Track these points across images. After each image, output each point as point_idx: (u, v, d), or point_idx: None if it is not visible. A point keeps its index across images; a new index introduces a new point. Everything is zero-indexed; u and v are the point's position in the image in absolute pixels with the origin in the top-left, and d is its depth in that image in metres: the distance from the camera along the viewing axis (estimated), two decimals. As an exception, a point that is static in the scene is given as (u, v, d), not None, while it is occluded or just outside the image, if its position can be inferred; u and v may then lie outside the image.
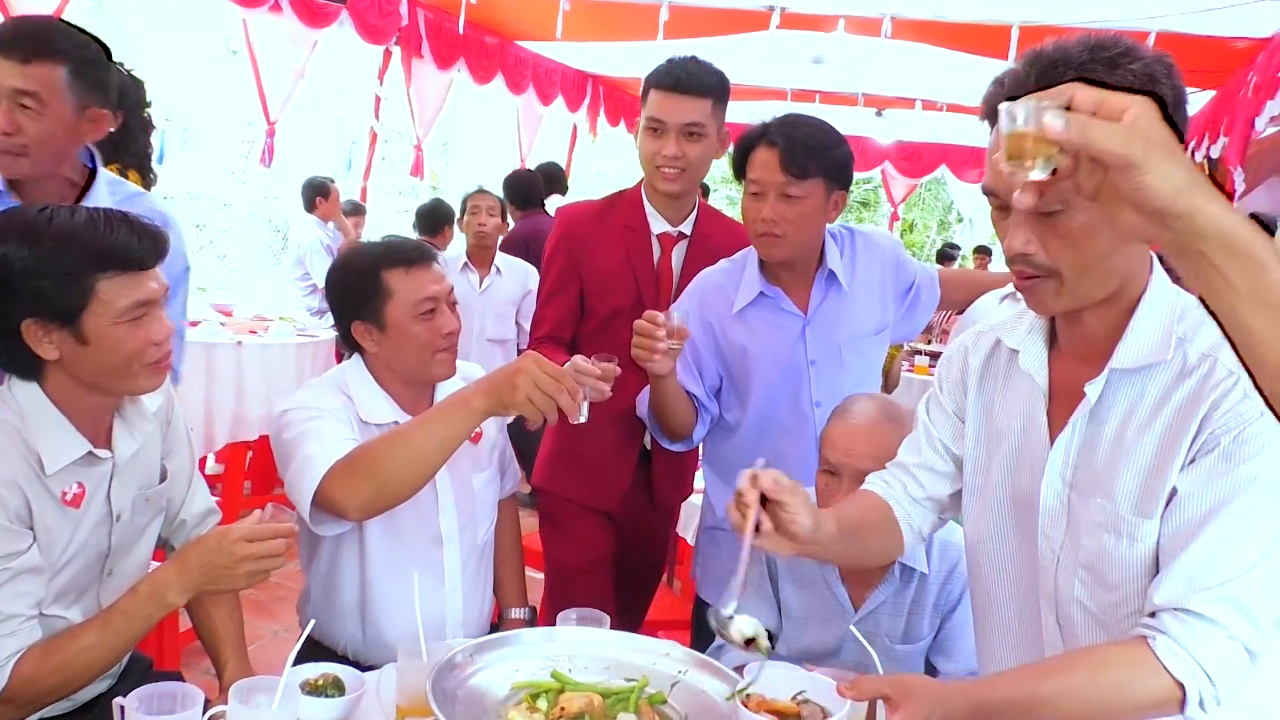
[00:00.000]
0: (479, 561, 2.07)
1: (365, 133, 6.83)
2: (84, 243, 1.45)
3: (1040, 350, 1.38)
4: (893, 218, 12.16)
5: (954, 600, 1.85)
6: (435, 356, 1.92)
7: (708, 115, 2.23)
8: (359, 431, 1.87)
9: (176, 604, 1.54)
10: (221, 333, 4.29)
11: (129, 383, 1.55)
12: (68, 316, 1.45)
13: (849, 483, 1.77)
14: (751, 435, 2.19)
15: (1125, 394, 1.27)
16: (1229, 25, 4.84)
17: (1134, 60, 1.16)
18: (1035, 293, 1.24)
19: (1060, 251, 1.19)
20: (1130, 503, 1.25)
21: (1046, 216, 1.17)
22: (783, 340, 2.14)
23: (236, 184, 11.83)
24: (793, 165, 1.99)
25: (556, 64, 7.81)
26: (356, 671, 1.61)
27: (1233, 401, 1.18)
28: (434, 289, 1.90)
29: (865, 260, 2.20)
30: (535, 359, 1.68)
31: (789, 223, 2.02)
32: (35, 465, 1.50)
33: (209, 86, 10.69)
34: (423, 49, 6.15)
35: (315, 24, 5.39)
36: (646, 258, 2.34)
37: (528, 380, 1.65)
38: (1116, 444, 1.27)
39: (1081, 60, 1.16)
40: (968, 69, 6.01)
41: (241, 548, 1.50)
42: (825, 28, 5.64)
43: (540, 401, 1.65)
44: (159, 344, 1.53)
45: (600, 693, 1.43)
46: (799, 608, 1.92)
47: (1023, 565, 1.41)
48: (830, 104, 8.20)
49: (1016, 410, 1.41)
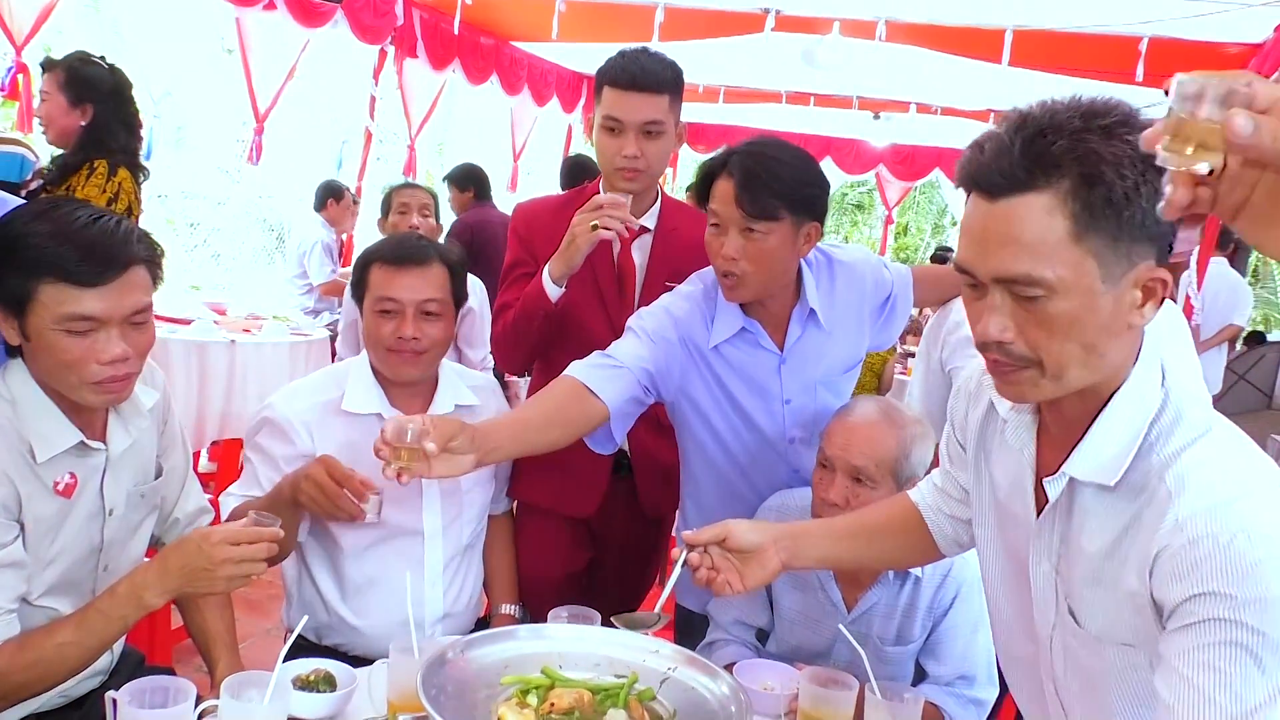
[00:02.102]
0: (463, 560, 2.08)
1: (358, 132, 6.82)
2: (46, 238, 1.45)
3: (1028, 424, 1.25)
4: (887, 221, 12.16)
5: (946, 605, 1.86)
6: (387, 354, 1.95)
7: (665, 111, 2.14)
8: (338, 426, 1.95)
9: (154, 605, 1.53)
10: (215, 331, 4.28)
11: (72, 393, 1.52)
12: (17, 308, 1.48)
13: (841, 477, 1.80)
14: (727, 463, 2.08)
15: (1100, 512, 1.14)
16: (1221, 31, 4.86)
17: (1132, 131, 1.01)
18: (1013, 382, 1.12)
19: (1043, 341, 1.07)
20: (1099, 631, 1.15)
21: (1026, 302, 1.06)
22: (758, 375, 2.01)
23: (231, 183, 11.80)
24: (750, 203, 1.81)
25: (551, 65, 7.81)
26: (348, 667, 1.62)
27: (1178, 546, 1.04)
28: (398, 292, 1.93)
29: (844, 291, 2.05)
30: (327, 464, 1.77)
31: (750, 260, 1.84)
32: (27, 454, 1.51)
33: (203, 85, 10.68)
34: (418, 49, 6.15)
35: (310, 23, 5.38)
36: (605, 252, 2.25)
37: (311, 484, 1.76)
38: (1095, 573, 1.15)
39: (1074, 128, 1.02)
40: (962, 72, 6.02)
41: (222, 550, 1.49)
42: (820, 30, 5.65)
43: (324, 506, 1.77)
44: (106, 364, 1.49)
45: (590, 689, 1.44)
46: (792, 608, 1.93)
47: (1019, 613, 1.32)
48: (825, 107, 8.21)
49: (1010, 473, 1.29)
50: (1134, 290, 1.07)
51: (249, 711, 1.35)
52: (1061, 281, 1.04)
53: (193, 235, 11.26)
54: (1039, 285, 1.04)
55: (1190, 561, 1.02)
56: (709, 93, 8.00)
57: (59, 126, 3.05)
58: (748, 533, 1.51)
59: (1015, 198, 1.04)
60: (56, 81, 3.04)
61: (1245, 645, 0.98)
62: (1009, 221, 1.05)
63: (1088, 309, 1.05)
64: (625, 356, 1.90)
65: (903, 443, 1.80)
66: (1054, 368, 1.08)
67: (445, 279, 1.99)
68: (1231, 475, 1.06)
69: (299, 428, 1.94)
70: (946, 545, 1.58)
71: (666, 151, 2.21)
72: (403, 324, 1.92)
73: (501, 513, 2.28)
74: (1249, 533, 1.00)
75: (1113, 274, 1.05)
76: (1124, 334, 1.09)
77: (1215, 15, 4.54)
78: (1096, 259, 1.04)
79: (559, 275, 2.11)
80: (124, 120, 3.09)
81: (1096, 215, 1.02)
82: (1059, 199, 1.02)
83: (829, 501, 1.80)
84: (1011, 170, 1.04)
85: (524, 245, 2.31)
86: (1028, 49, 5.20)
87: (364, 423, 1.95)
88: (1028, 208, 1.04)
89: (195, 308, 4.81)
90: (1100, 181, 1.01)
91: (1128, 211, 1.02)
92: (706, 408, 2.03)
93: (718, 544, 1.51)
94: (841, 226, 17.17)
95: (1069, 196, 1.02)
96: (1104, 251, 1.03)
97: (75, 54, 3.14)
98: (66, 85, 3.03)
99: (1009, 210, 1.05)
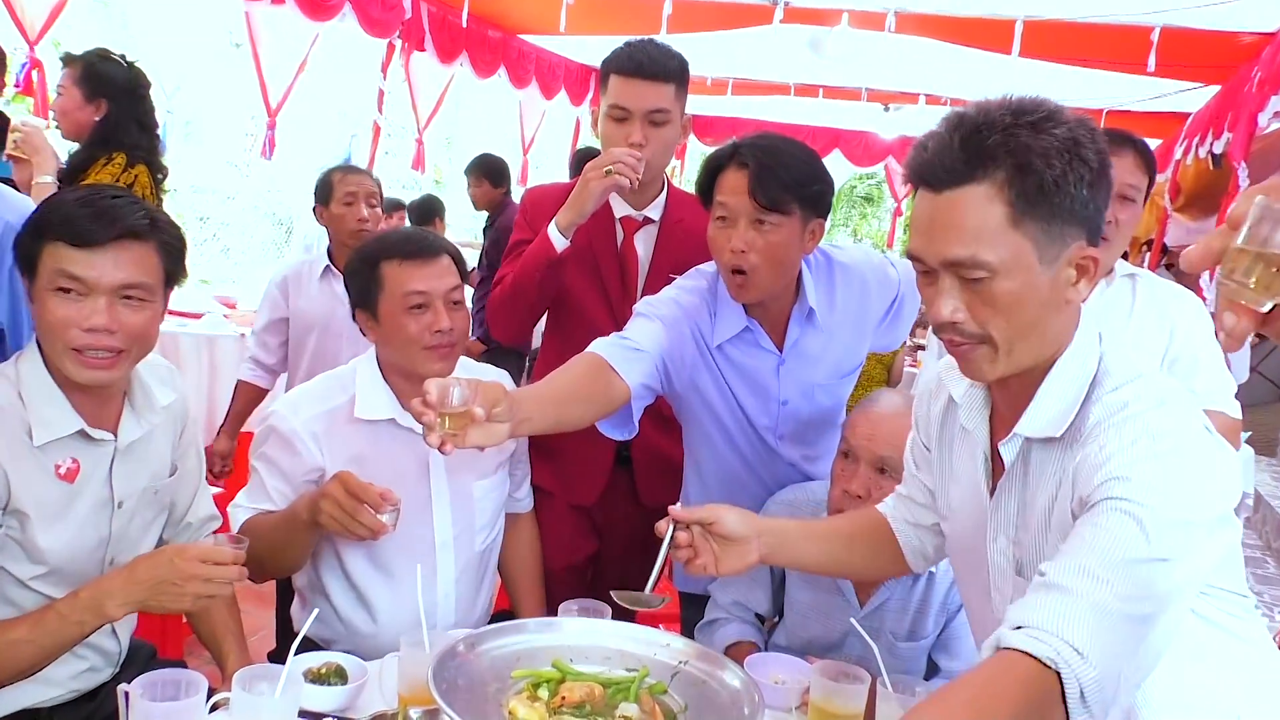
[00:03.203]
0: (477, 567, 2.05)
1: (367, 126, 6.82)
2: (55, 203, 1.52)
3: (981, 405, 1.34)
4: (896, 213, 12.13)
5: (959, 601, 1.85)
6: (422, 353, 1.87)
7: (671, 100, 2.16)
8: (350, 434, 1.89)
9: (115, 616, 1.49)
10: (225, 325, 4.30)
11: (58, 360, 1.52)
12: (29, 270, 1.52)
13: (865, 468, 1.80)
14: (734, 458, 2.09)
15: (1050, 464, 1.22)
16: (1235, 19, 4.81)
17: (1058, 125, 1.13)
18: (970, 360, 1.22)
19: (990, 319, 1.17)
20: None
21: (972, 283, 1.16)
22: (758, 375, 2.01)
23: (240, 177, 11.83)
24: (764, 194, 1.80)
25: (560, 58, 7.79)
26: (359, 660, 1.63)
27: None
28: (426, 284, 1.87)
29: (844, 293, 2.03)
30: (343, 481, 1.70)
31: (760, 254, 1.82)
32: (25, 437, 1.52)
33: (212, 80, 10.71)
34: (425, 42, 6.14)
35: (318, 16, 5.37)
36: (609, 241, 2.27)
37: (330, 503, 1.69)
38: (1045, 520, 1.23)
39: (1006, 124, 1.13)
40: (972, 64, 5.99)
41: (194, 566, 1.47)
42: (829, 21, 5.62)
43: (344, 522, 1.69)
44: (85, 331, 1.48)
45: (601, 683, 1.44)
46: (805, 601, 1.93)
47: (981, 601, 1.39)
48: (834, 98, 8.18)
49: (966, 459, 1.39)
50: (1069, 269, 1.18)
51: (260, 704, 1.35)
52: (1003, 263, 1.14)
53: (202, 230, 11.30)
54: (982, 267, 1.14)
55: (1098, 461, 1.12)
56: (717, 85, 7.97)
57: (73, 120, 3.06)
58: (735, 522, 1.53)
59: (957, 189, 1.15)
60: (73, 76, 3.05)
61: (1131, 513, 1.06)
62: (952, 210, 1.16)
63: (1028, 287, 1.15)
64: (644, 340, 1.88)
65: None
66: (1003, 343, 1.18)
67: (455, 267, 1.95)
68: (1145, 396, 1.15)
69: (306, 439, 1.87)
70: (914, 559, 1.60)
71: (672, 140, 2.21)
72: (438, 317, 1.86)
73: (525, 511, 2.23)
74: (1152, 435, 1.10)
75: (1048, 255, 1.15)
76: (1063, 309, 1.20)
77: (1228, 4, 4.50)
78: (1033, 242, 1.14)
79: (567, 224, 2.12)
80: (138, 118, 3.10)
81: (1030, 201, 1.13)
82: (996, 188, 1.13)
83: (851, 493, 1.79)
84: (953, 164, 1.15)
85: (530, 226, 2.31)
86: (1038, 40, 5.16)
87: (376, 429, 1.91)
88: (968, 197, 1.15)
89: (205, 302, 4.84)
90: (1031, 171, 1.12)
91: (1057, 197, 1.13)
92: (714, 400, 2.03)
93: (703, 526, 1.53)
94: (850, 219, 17.11)
95: (1005, 185, 1.13)
96: (1039, 235, 1.14)
97: (95, 50, 3.15)
98: (82, 80, 3.04)
99: (952, 200, 1.16)
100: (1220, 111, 5.55)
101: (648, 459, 2.34)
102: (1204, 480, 1.10)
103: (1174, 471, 1.08)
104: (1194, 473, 1.10)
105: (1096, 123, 1.17)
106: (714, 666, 1.48)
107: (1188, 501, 1.08)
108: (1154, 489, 1.07)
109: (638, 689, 1.44)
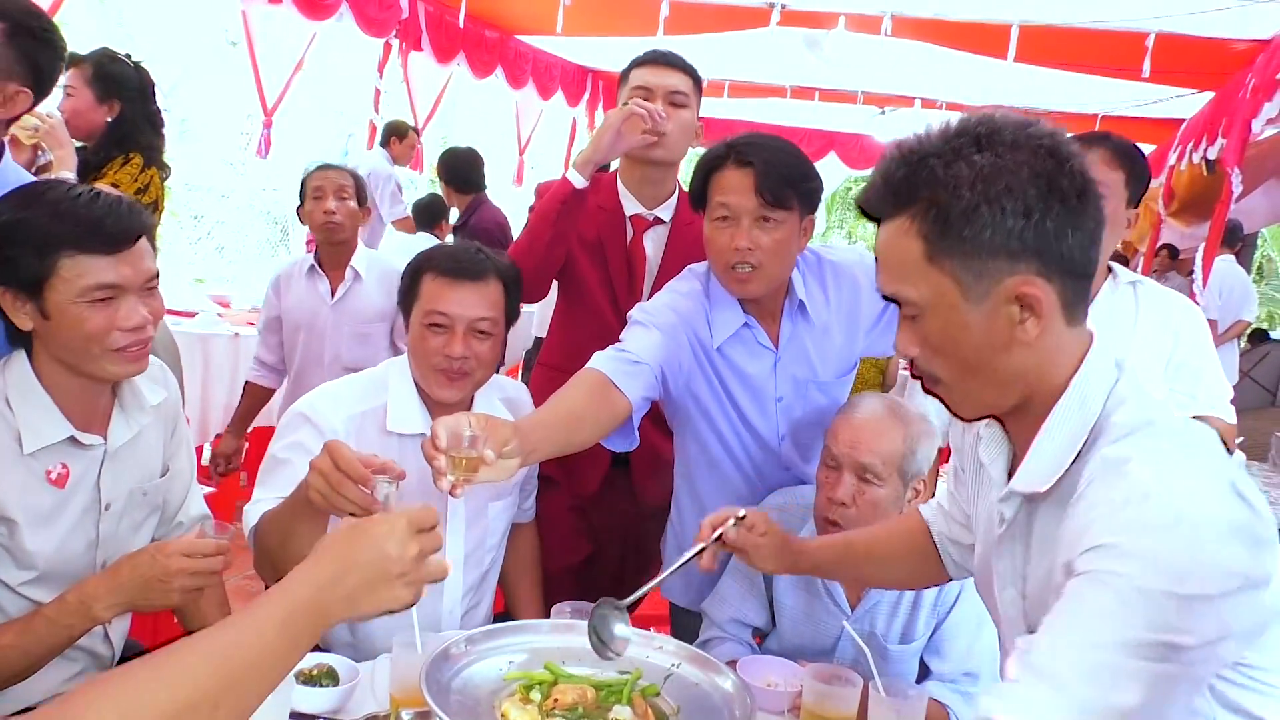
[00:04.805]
0: (480, 585, 2.04)
1: (363, 125, 6.82)
2: (53, 217, 1.46)
3: (999, 439, 1.23)
4: (891, 216, 12.19)
5: (950, 603, 1.85)
6: (432, 373, 1.84)
7: (690, 89, 2.29)
8: (381, 445, 1.77)
9: (103, 619, 1.49)
10: (219, 324, 4.29)
11: (93, 365, 1.52)
12: (33, 288, 1.47)
13: (849, 475, 1.79)
14: (729, 463, 2.08)
15: (1052, 523, 1.10)
16: (1229, 27, 4.84)
17: (980, 151, 1.05)
18: (940, 399, 1.17)
19: (932, 358, 1.12)
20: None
21: (909, 321, 1.12)
22: (757, 375, 2.01)
23: (235, 176, 11.81)
24: (770, 191, 1.82)
25: (556, 58, 7.80)
26: (351, 662, 1.62)
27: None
28: (449, 307, 1.82)
29: (835, 290, 2.04)
30: (331, 450, 1.48)
31: (765, 252, 1.85)
32: (15, 444, 1.51)
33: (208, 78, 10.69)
34: (423, 42, 6.14)
35: (315, 15, 5.37)
36: (618, 237, 2.30)
37: (315, 475, 1.49)
38: (1047, 581, 1.10)
39: (925, 153, 1.08)
40: (968, 68, 6.00)
41: (177, 561, 1.47)
42: (826, 24, 5.64)
43: (329, 497, 1.47)
44: (128, 330, 1.50)
45: (594, 685, 1.44)
46: (795, 607, 1.92)
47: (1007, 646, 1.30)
48: (829, 101, 8.20)
49: (985, 499, 1.29)
50: (1009, 306, 1.07)
51: (252, 706, 1.34)
52: (925, 300, 1.09)
53: (197, 228, 11.28)
54: (910, 304, 1.11)
55: (1085, 523, 1.00)
56: (713, 87, 7.97)
57: (85, 121, 3.05)
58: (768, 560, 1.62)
59: (886, 223, 1.13)
60: (84, 77, 3.04)
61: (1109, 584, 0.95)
62: (883, 245, 1.14)
63: (956, 326, 1.08)
64: (642, 352, 1.88)
65: (909, 439, 1.80)
66: (952, 383, 1.13)
67: (501, 296, 1.88)
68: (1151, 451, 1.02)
69: (342, 438, 1.75)
70: (954, 569, 1.57)
71: (690, 124, 2.29)
72: (452, 341, 1.82)
73: (526, 522, 2.21)
74: (1145, 495, 0.97)
75: (974, 292, 1.07)
76: (1017, 350, 1.08)
77: (1223, 11, 4.52)
78: (951, 278, 1.08)
79: (584, 161, 2.20)
80: (149, 118, 3.11)
81: (943, 235, 1.07)
82: (912, 222, 1.09)
83: (836, 500, 1.79)
84: (881, 198, 1.13)
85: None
86: (1034, 45, 5.18)
87: (405, 443, 1.85)
88: (890, 232, 1.12)
89: (199, 300, 4.82)
90: (936, 204, 1.06)
91: (968, 230, 1.05)
92: (709, 407, 2.03)
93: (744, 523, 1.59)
94: (845, 221, 17.14)
95: (919, 219, 1.08)
96: (959, 270, 1.07)
97: (102, 50, 3.15)
98: (94, 81, 3.04)
99: (883, 234, 1.14)
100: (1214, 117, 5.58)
101: (646, 459, 2.34)
102: (1213, 547, 0.94)
103: (1168, 537, 0.94)
104: (1199, 538, 0.94)
105: (1069, 143, 1.08)
106: (707, 670, 1.48)
107: (1184, 573, 0.93)
108: (1139, 558, 0.94)
109: (630, 691, 1.44)
